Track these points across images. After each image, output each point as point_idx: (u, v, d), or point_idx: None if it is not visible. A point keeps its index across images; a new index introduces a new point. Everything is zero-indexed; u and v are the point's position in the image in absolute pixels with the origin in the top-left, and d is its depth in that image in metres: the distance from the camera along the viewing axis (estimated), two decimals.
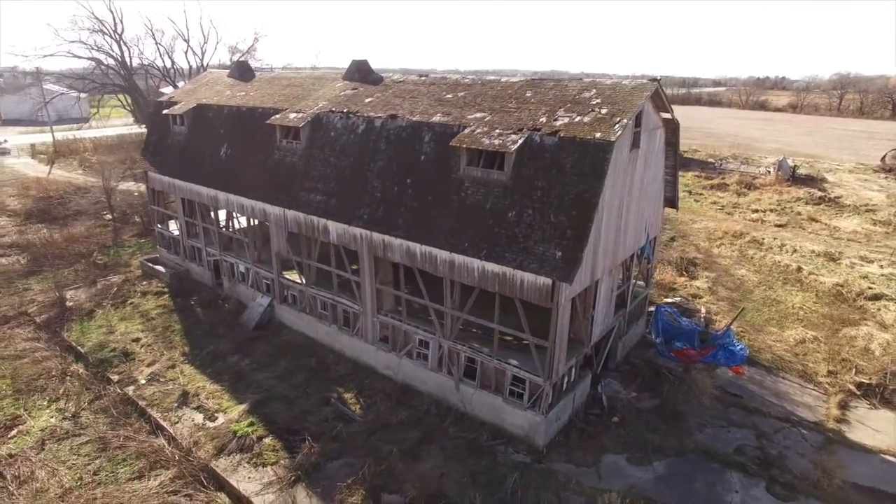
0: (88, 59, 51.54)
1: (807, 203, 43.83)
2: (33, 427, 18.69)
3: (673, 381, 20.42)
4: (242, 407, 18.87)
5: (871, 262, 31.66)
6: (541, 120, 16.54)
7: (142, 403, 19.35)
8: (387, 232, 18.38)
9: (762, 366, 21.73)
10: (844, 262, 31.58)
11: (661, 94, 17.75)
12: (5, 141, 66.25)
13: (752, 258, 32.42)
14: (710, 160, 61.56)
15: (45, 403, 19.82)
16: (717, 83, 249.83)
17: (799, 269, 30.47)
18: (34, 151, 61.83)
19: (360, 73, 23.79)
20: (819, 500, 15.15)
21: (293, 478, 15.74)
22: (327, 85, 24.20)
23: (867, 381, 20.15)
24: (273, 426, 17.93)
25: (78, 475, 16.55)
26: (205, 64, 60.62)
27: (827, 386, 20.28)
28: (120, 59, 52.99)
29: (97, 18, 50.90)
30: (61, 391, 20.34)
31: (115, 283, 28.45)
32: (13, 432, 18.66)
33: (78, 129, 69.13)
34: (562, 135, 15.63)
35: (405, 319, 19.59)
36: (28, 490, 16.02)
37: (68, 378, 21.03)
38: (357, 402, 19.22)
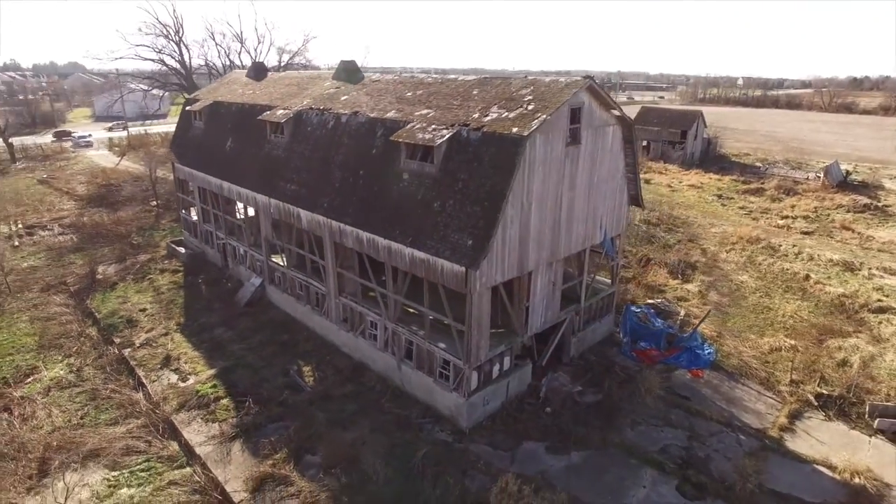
0: (153, 60, 56.98)
1: (848, 211, 41.05)
2: (45, 377, 21.72)
3: (623, 378, 20.53)
4: (211, 371, 21.04)
5: (894, 274, 29.53)
6: (473, 116, 17.39)
7: (132, 363, 21.97)
8: (341, 219, 19.86)
9: (724, 371, 21.27)
10: (863, 273, 29.66)
11: (600, 92, 18.02)
12: (89, 135, 74.24)
13: (759, 264, 31.14)
14: (758, 164, 58.53)
15: (60, 358, 22.89)
16: (805, 84, 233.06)
17: (806, 278, 29.02)
18: (111, 145, 69.02)
19: (347, 72, 25.45)
20: (725, 502, 15.05)
21: (234, 434, 17.58)
22: (318, 84, 26.06)
23: (829, 393, 19.31)
24: (232, 389, 19.91)
25: (68, 418, 19.20)
26: (256, 64, 64.91)
27: (786, 395, 19.62)
28: (180, 59, 58.12)
29: (161, 24, 56.23)
30: (74, 349, 23.40)
31: (141, 261, 31.87)
32: (29, 379, 21.78)
33: (150, 125, 76.19)
34: (485, 130, 16.44)
35: (360, 302, 21.00)
36: (28, 426, 18.87)
37: (82, 339, 24.12)
38: (313, 374, 20.85)
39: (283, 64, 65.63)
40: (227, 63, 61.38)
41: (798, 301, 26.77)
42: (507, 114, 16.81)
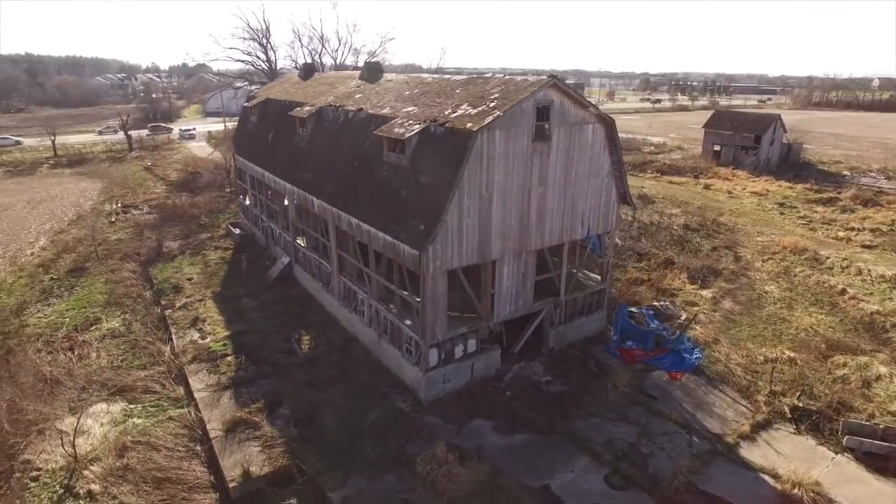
0: (242, 61, 63.26)
1: None
2: (104, 327, 25.96)
3: (595, 374, 20.89)
4: (227, 333, 24.11)
5: None
6: (446, 112, 18.76)
7: (169, 322, 25.66)
8: (338, 206, 22.03)
9: (706, 376, 20.87)
10: None
11: (569, 91, 18.62)
12: (193, 129, 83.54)
13: (794, 276, 29.35)
14: (846, 173, 53.57)
15: (118, 314, 27.14)
16: None
17: (842, 292, 27.05)
18: (209, 137, 77.29)
19: (369, 72, 27.64)
20: (648, 495, 15.31)
21: (227, 385, 20.33)
22: (345, 83, 28.51)
23: (807, 407, 18.45)
24: (239, 349, 22.77)
25: (111, 360, 23.02)
26: (337, 64, 69.43)
27: (762, 405, 19.00)
28: (266, 60, 63.95)
29: (251, 28, 62.33)
30: (130, 307, 27.60)
31: (202, 239, 36.31)
32: (92, 328, 26.11)
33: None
34: (447, 125, 17.77)
35: (355, 281, 23.06)
36: (81, 363, 22.93)
37: (138, 300, 28.36)
38: (310, 343, 23.24)
39: (358, 65, 69.66)
40: (313, 64, 66.38)
41: (821, 315, 25.15)
42: (471, 110, 18.01)
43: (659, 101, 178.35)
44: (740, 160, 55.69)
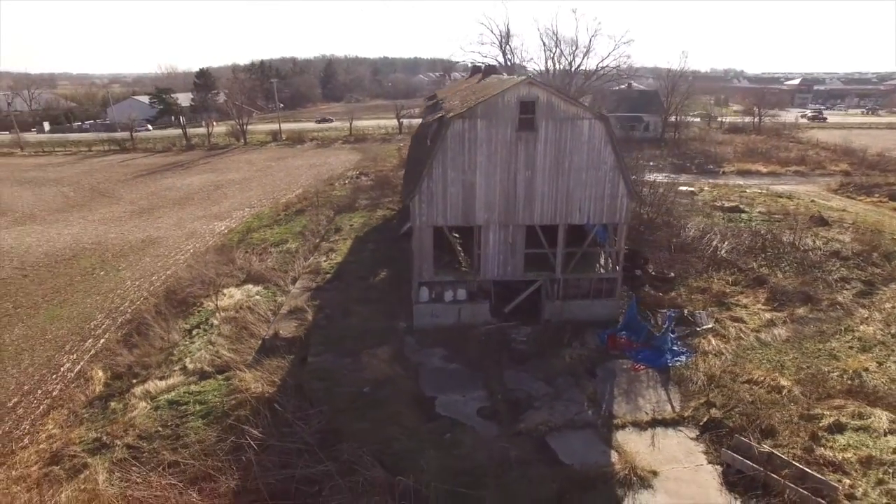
0: (481, 64, 73.03)
1: None
2: (286, 246, 38.28)
3: (564, 346, 22.97)
4: (340, 260, 33.49)
5: None
6: (455, 103, 23.67)
7: (319, 249, 36.50)
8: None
9: (667, 376, 20.96)
10: None
11: (545, 89, 21.33)
12: None
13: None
14: None
15: (299, 240, 39.24)
16: None
17: None
18: None
19: (484, 74, 33.10)
20: (497, 428, 18.18)
21: (311, 288, 29.48)
22: (480, 86, 34.57)
23: (722, 420, 17.69)
24: (343, 267, 31.81)
25: (273, 263, 34.73)
26: (573, 69, 73.48)
27: (680, 409, 18.85)
28: (503, 64, 72.45)
29: (492, 33, 71.60)
30: (307, 237, 39.59)
31: (384, 202, 47.14)
32: (280, 245, 38.70)
33: None
34: (442, 115, 22.79)
35: None
36: (259, 262, 35.36)
37: (315, 233, 40.22)
38: (381, 275, 30.82)
39: (596, 69, 72.32)
40: (556, 66, 71.66)
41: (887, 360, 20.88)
42: (468, 103, 22.62)
43: None
44: None
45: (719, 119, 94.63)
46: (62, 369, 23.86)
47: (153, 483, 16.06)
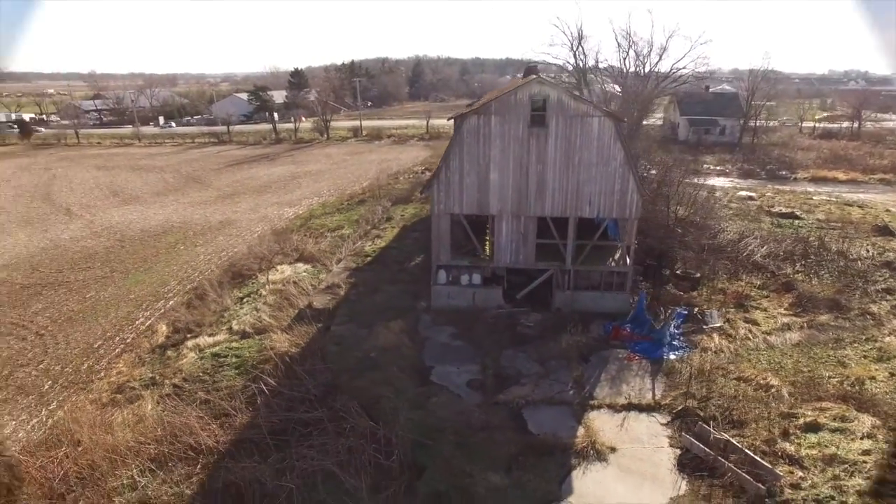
0: (553, 66, 73.16)
1: None
2: (341, 232, 41.67)
3: (567, 332, 24.06)
4: (383, 245, 36.26)
5: None
6: (478, 101, 25.38)
7: (369, 236, 39.54)
8: None
9: (659, 367, 21.54)
10: None
11: (556, 87, 22.48)
12: None
13: None
14: None
15: (354, 228, 42.68)
16: None
17: None
18: None
19: (525, 74, 34.40)
20: (480, 398, 19.84)
21: (351, 268, 32.42)
22: (508, 86, 35.98)
23: (696, 410, 18.19)
24: (384, 252, 34.57)
25: (327, 246, 38.22)
26: (645, 72, 71.64)
27: (666, 398, 19.46)
28: (575, 65, 72.23)
29: (566, 35, 71.41)
30: (360, 225, 42.84)
31: None
32: (336, 230, 42.30)
33: None
34: (463, 111, 24.60)
35: None
36: (314, 244, 39.05)
37: (368, 221, 43.39)
38: (417, 260, 33.18)
39: (671, 70, 70.18)
40: (630, 68, 70.52)
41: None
42: (479, 101, 24.30)
43: None
44: None
45: (812, 124, 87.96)
46: (136, 322, 28.39)
47: (186, 414, 19.44)
